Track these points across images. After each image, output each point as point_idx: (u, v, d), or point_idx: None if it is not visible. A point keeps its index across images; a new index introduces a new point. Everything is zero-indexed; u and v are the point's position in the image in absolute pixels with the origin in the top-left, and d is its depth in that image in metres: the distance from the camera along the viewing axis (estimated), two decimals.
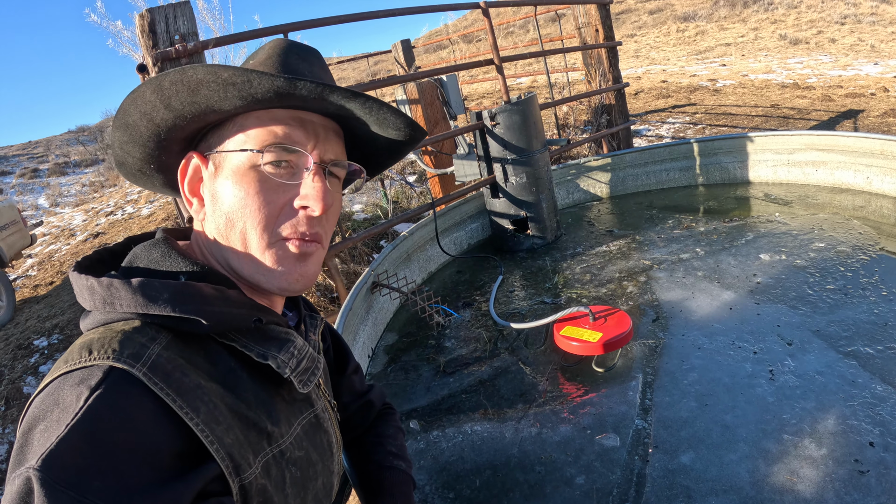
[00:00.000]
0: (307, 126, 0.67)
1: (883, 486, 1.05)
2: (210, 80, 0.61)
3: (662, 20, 18.44)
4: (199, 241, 0.71)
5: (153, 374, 0.54)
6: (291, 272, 0.67)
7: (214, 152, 0.67)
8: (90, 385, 0.51)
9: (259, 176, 0.65)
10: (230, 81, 0.61)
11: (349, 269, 3.87)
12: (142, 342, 0.56)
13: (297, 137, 0.66)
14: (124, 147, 0.69)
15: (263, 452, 0.62)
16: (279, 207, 0.65)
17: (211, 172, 0.67)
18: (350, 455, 0.99)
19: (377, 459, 0.95)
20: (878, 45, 11.53)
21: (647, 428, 1.32)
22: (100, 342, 0.55)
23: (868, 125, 5.93)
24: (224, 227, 0.66)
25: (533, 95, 2.67)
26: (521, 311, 2.04)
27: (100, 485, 0.46)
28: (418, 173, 6.55)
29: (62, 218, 10.71)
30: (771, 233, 2.26)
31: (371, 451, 0.97)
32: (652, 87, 9.44)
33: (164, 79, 0.61)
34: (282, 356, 0.66)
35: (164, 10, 2.22)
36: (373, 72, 13.98)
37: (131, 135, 0.67)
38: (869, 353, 1.42)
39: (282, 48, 0.71)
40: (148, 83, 0.61)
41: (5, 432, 3.60)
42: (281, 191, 0.65)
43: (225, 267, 0.69)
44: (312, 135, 0.68)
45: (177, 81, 0.61)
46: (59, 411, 0.50)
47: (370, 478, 0.93)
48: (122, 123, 0.66)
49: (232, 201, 0.65)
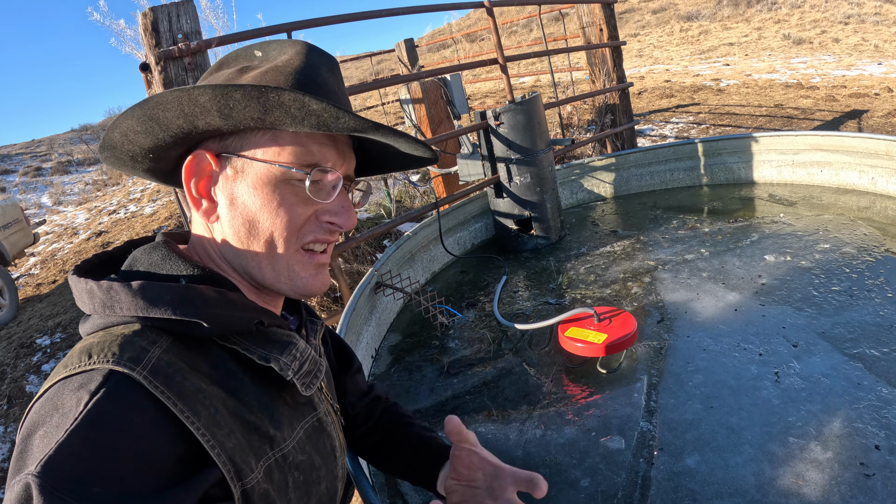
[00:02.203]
0: (338, 146, 0.70)
1: (889, 490, 1.05)
2: (291, 106, 0.60)
3: (666, 20, 18.39)
4: (202, 243, 0.70)
5: (154, 378, 0.53)
6: (314, 278, 0.71)
7: (237, 156, 0.66)
8: (90, 389, 0.51)
9: (293, 190, 0.66)
10: (315, 113, 0.61)
11: (352, 269, 3.87)
12: (142, 345, 0.55)
13: (331, 157, 0.69)
14: (129, 135, 0.66)
15: (266, 457, 0.61)
16: (305, 219, 0.68)
17: (229, 175, 0.66)
18: (378, 442, 1.00)
19: (415, 431, 0.98)
20: (882, 45, 11.49)
21: (652, 430, 1.32)
22: (99, 346, 0.55)
23: (872, 125, 5.91)
24: (245, 232, 0.67)
25: (537, 95, 2.66)
26: (526, 312, 2.04)
27: (100, 491, 0.46)
28: (422, 173, 6.55)
29: (65, 216, 10.74)
30: (776, 234, 2.25)
31: (408, 423, 1.00)
32: (655, 86, 9.42)
33: (235, 92, 0.59)
34: (284, 359, 0.65)
35: (166, 8, 2.22)
36: (376, 71, 13.97)
37: (149, 128, 0.64)
38: (874, 356, 1.42)
39: (313, 57, 0.70)
40: (209, 89, 0.59)
41: (7, 431, 3.61)
42: (309, 204, 0.68)
43: (236, 268, 0.69)
44: (341, 154, 0.70)
45: (251, 97, 0.60)
46: (58, 416, 0.49)
47: (418, 446, 0.96)
48: (148, 116, 0.63)
49: (259, 209, 0.66)
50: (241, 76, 0.68)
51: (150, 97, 0.62)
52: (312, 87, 0.67)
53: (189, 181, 0.67)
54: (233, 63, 0.72)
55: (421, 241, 2.51)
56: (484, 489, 0.83)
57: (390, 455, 0.99)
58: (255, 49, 0.72)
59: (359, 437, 1.01)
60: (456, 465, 0.85)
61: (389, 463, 0.99)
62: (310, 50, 0.70)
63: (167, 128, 0.64)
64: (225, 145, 0.67)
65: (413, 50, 5.69)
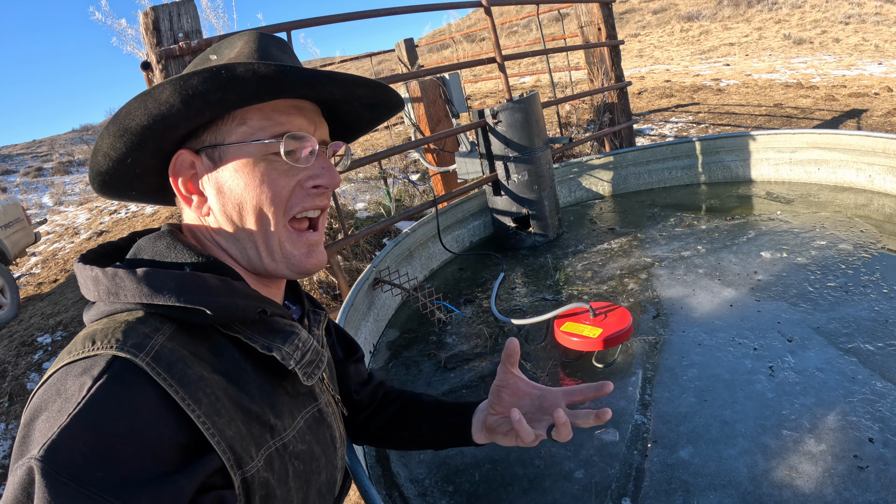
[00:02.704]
0: (306, 114, 0.71)
1: (882, 482, 1.06)
2: (244, 76, 0.61)
3: (666, 20, 18.39)
4: (200, 235, 0.71)
5: (156, 365, 0.54)
6: (308, 257, 0.72)
7: (213, 147, 0.67)
8: (93, 375, 0.51)
9: (272, 165, 0.67)
10: (268, 77, 0.62)
11: (351, 266, 3.88)
12: (145, 332, 0.56)
13: (301, 125, 0.70)
14: (110, 155, 0.67)
15: (266, 445, 0.62)
16: (290, 190, 0.69)
17: (208, 166, 0.68)
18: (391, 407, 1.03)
19: (433, 398, 1.03)
20: (883, 45, 11.49)
21: (646, 423, 1.33)
22: (103, 332, 0.55)
23: (871, 125, 5.91)
24: (236, 215, 0.68)
25: (535, 93, 2.67)
26: (523, 308, 2.05)
27: (101, 476, 0.47)
28: (421, 172, 6.56)
29: (66, 216, 10.75)
30: (772, 231, 2.26)
31: (417, 394, 1.05)
32: (655, 86, 9.42)
33: (192, 79, 0.60)
34: (286, 348, 0.66)
35: (167, 7, 2.24)
36: (376, 71, 13.98)
37: (126, 141, 0.65)
38: (869, 350, 1.42)
39: (262, 41, 0.72)
40: (169, 83, 0.60)
41: (9, 428, 3.62)
42: (291, 174, 0.69)
43: (234, 255, 0.70)
44: (311, 122, 0.71)
45: (206, 79, 0.60)
46: (61, 401, 0.50)
47: (443, 409, 1.00)
48: (121, 130, 0.64)
49: (244, 189, 0.67)
50: None
51: (118, 111, 0.63)
52: (245, 58, 0.69)
53: (176, 182, 0.69)
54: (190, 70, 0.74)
55: (419, 238, 2.52)
56: (532, 411, 0.87)
57: (407, 425, 1.00)
58: (209, 53, 0.74)
59: (366, 420, 1.02)
60: (501, 395, 0.89)
61: (406, 433, 1.01)
62: (258, 36, 0.73)
63: (141, 135, 0.64)
64: (201, 141, 0.68)
65: (413, 50, 5.70)
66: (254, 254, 0.70)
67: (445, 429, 0.97)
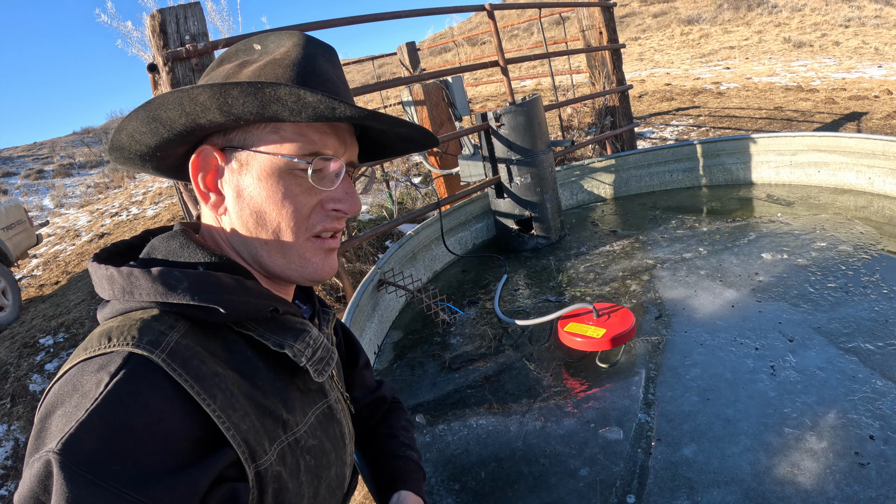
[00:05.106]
0: (339, 133, 0.71)
1: (883, 479, 1.07)
2: (288, 100, 0.61)
3: (666, 23, 18.44)
4: (214, 234, 0.72)
5: (172, 361, 0.55)
6: (325, 262, 0.72)
7: (241, 150, 0.68)
8: (110, 371, 0.52)
9: (296, 180, 0.67)
10: (311, 105, 0.62)
11: (355, 269, 3.89)
12: (160, 330, 0.57)
13: (332, 145, 0.69)
14: (135, 136, 0.68)
15: (279, 440, 0.63)
16: (311, 208, 0.69)
17: (234, 168, 0.68)
18: (362, 446, 1.01)
19: (390, 450, 0.97)
20: (882, 48, 11.52)
21: (649, 421, 1.34)
22: (119, 329, 0.56)
23: (871, 127, 5.93)
24: (252, 223, 0.68)
25: (537, 97, 2.69)
26: (526, 309, 2.06)
27: (119, 469, 0.48)
28: (423, 174, 6.58)
29: (67, 219, 10.77)
30: (773, 233, 2.28)
31: (384, 442, 0.99)
32: (656, 89, 9.45)
33: (233, 89, 0.61)
34: (298, 345, 0.67)
35: (174, 10, 2.26)
36: (378, 74, 14.01)
37: (154, 128, 0.67)
38: (869, 350, 1.44)
39: (310, 48, 0.71)
40: (208, 88, 0.61)
41: (11, 429, 3.63)
42: (314, 193, 0.69)
43: (246, 258, 0.71)
44: (342, 142, 0.71)
45: (248, 94, 0.61)
46: (78, 396, 0.51)
47: (383, 467, 0.96)
48: (151, 117, 0.65)
49: (264, 200, 0.67)
50: (241, 71, 0.69)
51: (152, 99, 0.64)
52: (310, 77, 0.69)
53: (196, 176, 0.69)
54: (233, 58, 0.73)
55: (423, 240, 2.54)
56: None
57: (366, 467, 1.00)
58: (254, 43, 0.73)
59: (358, 436, 1.02)
60: None
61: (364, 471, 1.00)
62: (307, 41, 0.71)
63: (171, 127, 0.66)
64: (229, 139, 0.68)
65: (415, 53, 5.73)
66: (266, 260, 0.70)
67: (373, 492, 0.97)
